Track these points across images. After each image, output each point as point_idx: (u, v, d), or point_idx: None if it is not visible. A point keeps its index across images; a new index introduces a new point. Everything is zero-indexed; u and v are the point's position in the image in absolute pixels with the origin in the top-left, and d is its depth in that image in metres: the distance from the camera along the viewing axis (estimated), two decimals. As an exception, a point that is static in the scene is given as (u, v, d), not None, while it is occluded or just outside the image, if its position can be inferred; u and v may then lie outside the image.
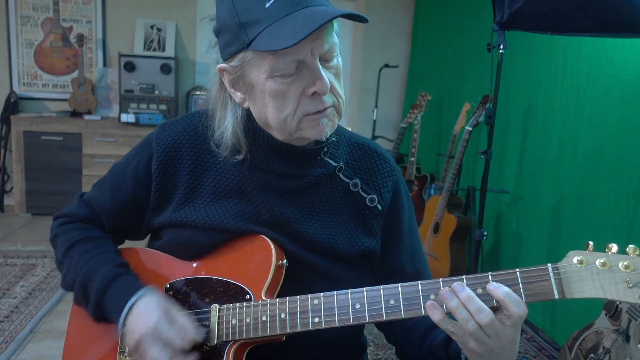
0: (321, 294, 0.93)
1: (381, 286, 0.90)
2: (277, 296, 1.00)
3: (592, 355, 1.92)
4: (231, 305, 0.99)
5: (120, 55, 4.55)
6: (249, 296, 0.99)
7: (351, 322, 0.91)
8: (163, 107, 4.60)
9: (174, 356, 0.95)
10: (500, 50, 2.26)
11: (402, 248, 1.12)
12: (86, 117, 4.61)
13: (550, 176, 2.90)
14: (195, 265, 1.07)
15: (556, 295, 0.82)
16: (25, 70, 4.82)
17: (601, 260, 0.80)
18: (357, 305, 0.91)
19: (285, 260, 1.02)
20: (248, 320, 0.97)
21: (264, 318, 0.96)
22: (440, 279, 0.88)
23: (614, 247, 0.81)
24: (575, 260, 0.81)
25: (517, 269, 0.85)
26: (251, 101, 1.00)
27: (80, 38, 4.68)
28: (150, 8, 4.85)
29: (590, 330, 1.97)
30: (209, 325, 1.01)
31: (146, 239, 1.20)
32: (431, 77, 4.65)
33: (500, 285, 0.83)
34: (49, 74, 4.85)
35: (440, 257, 3.35)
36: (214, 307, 1.01)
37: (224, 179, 1.06)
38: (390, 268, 1.11)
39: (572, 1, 1.93)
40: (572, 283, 0.81)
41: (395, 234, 1.12)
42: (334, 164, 1.08)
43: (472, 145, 3.45)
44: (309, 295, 0.94)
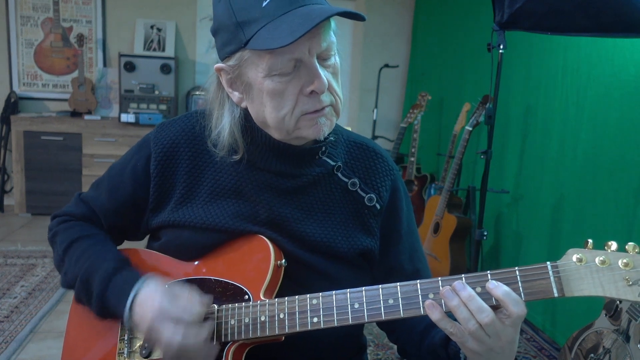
0: (320, 293, 0.93)
1: (380, 285, 0.90)
2: (276, 296, 0.99)
3: (592, 355, 1.92)
4: (230, 305, 0.99)
5: (120, 55, 4.55)
6: (247, 296, 0.99)
7: (350, 322, 0.90)
8: (163, 107, 4.60)
9: (188, 329, 0.94)
10: (500, 50, 2.25)
11: (401, 247, 1.12)
12: (86, 117, 4.61)
13: (550, 176, 2.89)
14: (193, 266, 1.07)
15: (555, 294, 0.81)
16: (25, 70, 4.82)
17: (600, 258, 0.80)
18: (356, 305, 0.90)
19: (283, 260, 1.01)
20: (247, 320, 0.96)
21: (263, 318, 0.95)
22: (439, 278, 0.87)
23: (614, 245, 0.81)
24: (574, 259, 0.81)
25: (516, 268, 0.84)
26: (249, 100, 1.00)
27: (80, 38, 4.68)
28: (150, 8, 4.85)
29: (590, 330, 1.97)
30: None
31: (145, 240, 1.20)
32: (431, 77, 4.65)
33: (499, 284, 0.83)
34: (49, 74, 4.85)
35: (440, 257, 3.35)
36: (213, 308, 1.00)
37: (222, 179, 1.06)
38: (390, 267, 1.11)
39: (572, 1, 1.93)
40: (572, 281, 0.81)
41: (394, 233, 1.11)
42: (332, 163, 1.08)
43: (472, 145, 3.45)
44: (308, 295, 0.94)
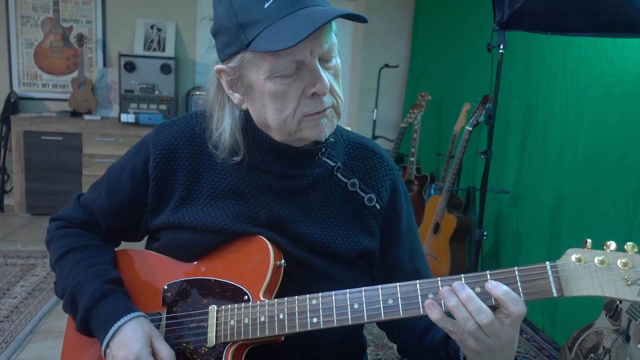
0: (319, 294, 0.93)
1: (379, 286, 0.90)
2: (276, 297, 1.00)
3: (592, 355, 1.92)
4: (229, 306, 0.99)
5: (120, 55, 4.55)
6: (247, 297, 0.99)
7: (350, 322, 0.91)
8: (163, 107, 4.60)
9: None
10: (500, 50, 2.25)
11: (401, 247, 1.12)
12: (86, 117, 4.61)
13: (550, 176, 2.89)
14: (193, 266, 1.07)
15: (555, 294, 0.81)
16: (25, 70, 4.82)
17: (599, 258, 0.80)
18: (356, 305, 0.91)
19: (283, 261, 1.01)
20: (246, 321, 0.96)
21: (262, 319, 0.95)
22: (439, 278, 0.88)
23: (612, 245, 0.81)
24: (573, 258, 0.81)
25: (516, 268, 0.84)
26: (250, 102, 1.00)
27: (80, 38, 4.68)
28: (150, 8, 4.84)
29: (590, 330, 1.97)
30: (207, 327, 1.00)
31: (144, 241, 1.20)
32: (431, 77, 4.65)
33: (499, 283, 0.83)
34: (49, 74, 4.85)
35: (440, 257, 3.35)
36: (212, 308, 1.01)
37: (222, 180, 1.06)
38: (390, 267, 1.11)
39: (572, 1, 1.93)
40: (571, 281, 0.81)
41: (394, 233, 1.11)
42: (332, 164, 1.08)
43: (472, 145, 3.45)
44: (307, 295, 0.94)
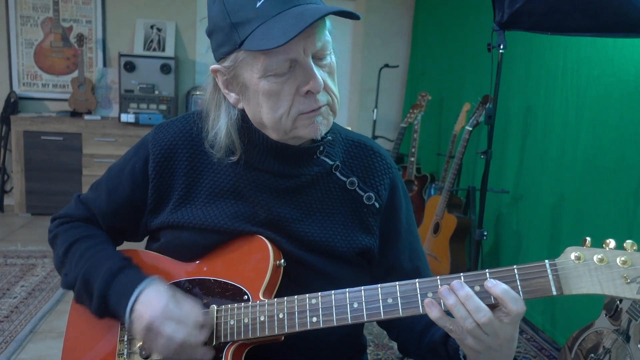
0: (319, 293, 0.93)
1: (379, 285, 0.90)
2: (276, 296, 1.00)
3: (592, 355, 1.92)
4: (229, 305, 0.99)
5: (120, 55, 4.55)
6: (246, 296, 0.99)
7: (349, 322, 0.91)
8: (163, 107, 4.60)
9: (190, 330, 0.95)
10: (500, 50, 2.25)
11: (401, 246, 1.12)
12: (86, 117, 4.61)
13: (550, 176, 2.89)
14: (193, 266, 1.07)
15: (554, 292, 0.81)
16: (25, 70, 4.82)
17: (599, 256, 0.80)
18: (355, 305, 0.91)
19: (282, 260, 1.01)
20: (246, 320, 0.96)
21: (262, 318, 0.95)
22: (438, 277, 0.88)
23: (612, 243, 0.81)
24: (572, 257, 0.81)
25: (515, 266, 0.84)
26: (245, 101, 1.00)
27: (80, 38, 4.68)
28: (150, 8, 4.85)
29: (590, 330, 1.97)
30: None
31: (144, 241, 1.20)
32: (431, 77, 4.65)
33: (498, 282, 0.83)
34: (49, 74, 4.85)
35: (440, 257, 3.35)
36: (212, 308, 1.00)
37: (221, 179, 1.06)
38: (389, 266, 1.11)
39: (572, 1, 1.93)
40: (570, 279, 0.81)
41: (393, 231, 1.11)
42: (330, 163, 1.08)
43: (472, 145, 3.45)
44: (307, 295, 0.94)
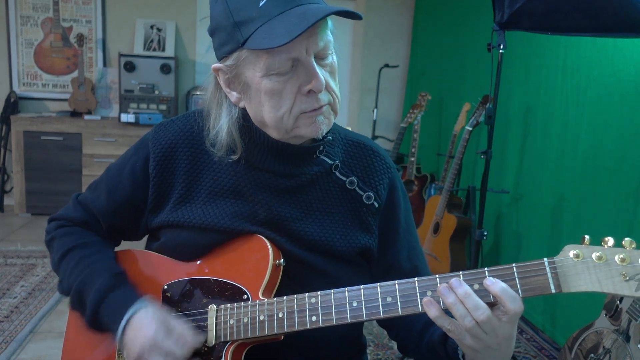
0: (318, 292, 0.93)
1: (378, 284, 0.90)
2: (275, 295, 1.00)
3: (592, 355, 1.91)
4: (229, 305, 0.99)
5: (120, 55, 4.55)
6: (246, 296, 0.99)
7: (349, 320, 0.91)
8: (163, 107, 4.60)
9: None
10: (500, 50, 2.25)
11: (400, 245, 1.12)
12: (86, 117, 4.61)
13: (550, 176, 2.89)
14: (192, 266, 1.07)
15: (553, 290, 0.81)
16: (25, 70, 4.82)
17: (597, 253, 0.80)
18: (355, 303, 0.91)
19: (282, 260, 1.01)
20: (246, 320, 0.97)
21: (262, 317, 0.95)
22: (437, 276, 0.88)
23: (610, 241, 0.81)
24: (571, 254, 0.81)
25: (514, 264, 0.84)
26: (247, 100, 1.00)
27: (80, 38, 4.68)
28: (150, 8, 4.85)
29: (590, 330, 1.97)
30: (206, 326, 1.00)
31: (144, 241, 1.19)
32: (431, 77, 4.65)
33: (497, 280, 0.83)
34: (49, 74, 4.85)
35: (440, 257, 3.35)
36: (212, 308, 1.01)
37: (221, 179, 1.06)
38: (388, 265, 1.11)
39: (572, 1, 1.93)
40: (569, 277, 0.81)
41: (392, 231, 1.11)
42: (330, 162, 1.08)
43: (472, 145, 3.45)
44: (307, 294, 0.94)
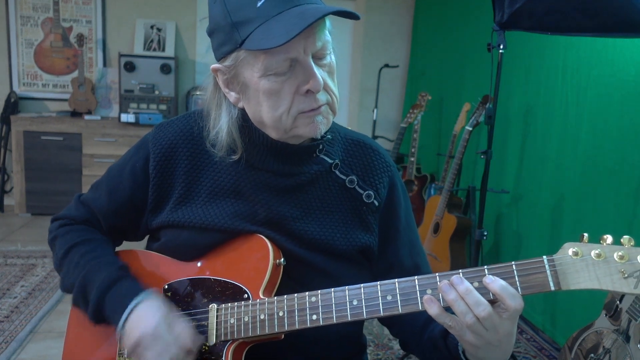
0: (319, 291, 0.93)
1: (378, 282, 0.91)
2: (276, 295, 1.00)
3: (592, 355, 1.92)
4: (229, 304, 0.99)
5: (120, 55, 4.56)
6: (246, 295, 0.99)
7: (349, 319, 0.91)
8: (163, 107, 4.60)
9: (175, 356, 0.95)
10: (500, 50, 2.25)
11: (400, 243, 1.12)
12: (86, 117, 4.61)
13: (550, 176, 2.90)
14: (193, 266, 1.07)
15: (552, 287, 0.82)
16: (25, 70, 4.82)
17: (596, 251, 0.81)
18: (355, 302, 0.91)
19: (282, 259, 1.02)
20: (246, 319, 0.97)
21: (262, 316, 0.96)
22: (437, 274, 0.88)
23: (609, 239, 0.82)
24: (570, 252, 0.82)
25: (513, 262, 0.85)
26: (245, 100, 1.00)
27: (80, 38, 4.68)
28: (150, 8, 4.85)
29: (590, 330, 1.97)
30: (207, 325, 1.01)
31: (144, 241, 1.20)
32: (431, 77, 4.65)
33: (496, 278, 0.84)
34: (49, 74, 4.85)
35: (440, 257, 3.35)
36: (212, 307, 1.01)
37: (221, 179, 1.06)
38: (389, 263, 1.11)
39: (572, 1, 1.93)
40: (568, 274, 0.82)
41: (392, 229, 1.12)
42: (330, 161, 1.08)
43: (472, 145, 3.45)
44: (307, 292, 0.94)
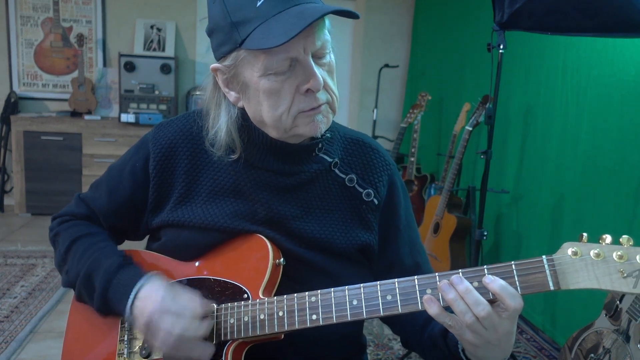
0: (318, 291, 0.93)
1: (378, 282, 0.91)
2: (276, 294, 1.00)
3: (592, 355, 1.92)
4: (229, 304, 0.99)
5: (120, 55, 4.56)
6: (246, 295, 0.99)
7: (349, 319, 0.91)
8: (163, 107, 4.60)
9: (189, 323, 0.95)
10: (500, 50, 2.25)
11: (401, 241, 1.12)
12: (86, 117, 4.61)
13: (550, 176, 2.89)
14: (192, 266, 1.07)
15: (551, 287, 0.82)
16: (25, 70, 4.82)
17: (595, 251, 0.81)
18: (355, 302, 0.91)
19: (282, 259, 1.01)
20: (246, 319, 0.97)
21: (262, 316, 0.95)
22: (437, 274, 0.88)
23: (608, 238, 0.82)
24: (569, 252, 0.82)
25: (512, 262, 0.85)
26: (245, 100, 1.01)
27: (80, 38, 4.68)
28: (150, 8, 4.85)
29: (590, 330, 1.97)
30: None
31: (144, 241, 1.20)
32: (431, 77, 4.65)
33: (496, 278, 0.84)
34: (49, 74, 4.85)
35: (440, 257, 3.35)
36: (212, 307, 1.00)
37: (221, 178, 1.07)
38: (390, 262, 1.11)
39: (573, 1, 1.93)
40: (567, 274, 0.82)
41: (392, 227, 1.12)
42: (329, 160, 1.08)
43: (472, 145, 3.45)
44: (306, 292, 0.94)
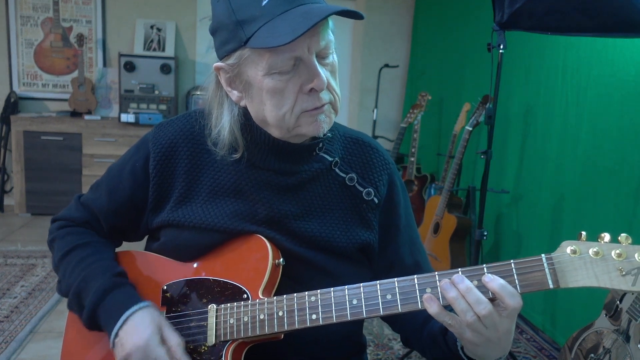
0: (318, 291, 0.93)
1: (377, 281, 0.91)
2: (275, 294, 1.00)
3: (592, 355, 1.92)
4: (229, 304, 0.99)
5: (120, 55, 4.56)
6: (246, 295, 0.99)
7: (349, 318, 0.91)
8: (163, 107, 4.60)
9: None
10: (500, 50, 2.25)
11: (400, 241, 1.12)
12: (86, 117, 4.61)
13: (550, 176, 2.89)
14: (192, 266, 1.07)
15: (551, 285, 0.83)
16: (25, 70, 4.82)
17: (594, 249, 0.81)
18: (354, 301, 0.91)
19: (282, 259, 1.01)
20: (246, 319, 0.97)
21: (262, 316, 0.96)
22: (436, 273, 0.89)
23: (607, 237, 0.82)
24: (568, 250, 0.82)
25: (512, 260, 0.85)
26: (248, 99, 1.00)
27: (80, 38, 4.68)
28: (150, 8, 4.85)
29: (590, 330, 1.97)
30: (206, 326, 1.01)
31: (144, 241, 1.20)
32: (431, 77, 4.65)
33: (495, 277, 0.84)
34: (49, 74, 4.85)
35: (440, 257, 3.35)
36: (212, 308, 1.01)
37: (221, 178, 1.06)
38: (390, 261, 1.12)
39: (573, 1, 1.93)
40: (566, 273, 0.82)
41: (392, 226, 1.12)
42: (330, 159, 1.08)
43: (472, 145, 3.45)
44: (306, 292, 0.94)
